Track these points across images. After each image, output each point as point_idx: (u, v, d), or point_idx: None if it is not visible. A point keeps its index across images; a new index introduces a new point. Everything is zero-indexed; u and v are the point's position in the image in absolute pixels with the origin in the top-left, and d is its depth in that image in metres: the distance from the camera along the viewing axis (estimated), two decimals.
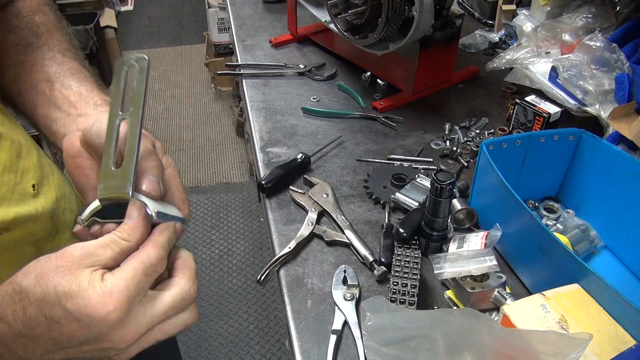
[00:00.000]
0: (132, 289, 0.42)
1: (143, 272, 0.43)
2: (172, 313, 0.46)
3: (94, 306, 0.41)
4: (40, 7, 0.70)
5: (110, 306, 0.41)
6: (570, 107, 1.02)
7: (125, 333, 0.43)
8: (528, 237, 0.73)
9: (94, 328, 0.41)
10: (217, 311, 2.11)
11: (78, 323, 0.41)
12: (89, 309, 0.41)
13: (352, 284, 0.77)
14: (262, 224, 2.48)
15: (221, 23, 3.06)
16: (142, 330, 0.44)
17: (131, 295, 0.42)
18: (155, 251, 0.45)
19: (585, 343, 0.52)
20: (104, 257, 0.44)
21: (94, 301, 0.41)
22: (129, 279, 0.42)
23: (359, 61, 1.29)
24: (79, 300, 0.41)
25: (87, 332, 0.42)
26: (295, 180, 0.97)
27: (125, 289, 0.42)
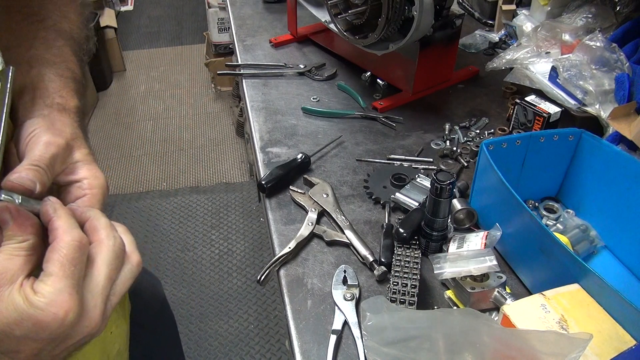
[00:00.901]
0: (69, 282, 0.41)
1: (70, 262, 0.41)
2: (115, 275, 0.45)
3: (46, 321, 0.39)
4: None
5: (61, 312, 0.40)
6: (570, 107, 1.02)
7: (89, 322, 0.42)
8: (528, 237, 0.73)
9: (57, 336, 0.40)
10: (217, 311, 2.11)
11: (37, 342, 0.40)
12: (43, 325, 0.39)
13: (352, 284, 0.77)
14: (262, 224, 2.48)
15: (221, 23, 3.06)
16: (101, 308, 0.43)
17: (72, 289, 0.41)
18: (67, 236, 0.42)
19: (585, 343, 0.52)
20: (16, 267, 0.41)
21: (43, 317, 0.39)
22: (62, 277, 0.41)
23: (359, 61, 1.29)
24: (25, 323, 0.39)
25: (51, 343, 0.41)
26: (295, 180, 0.97)
27: (65, 288, 0.40)
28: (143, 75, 3.67)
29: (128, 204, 2.62)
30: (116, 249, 0.46)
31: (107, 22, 3.49)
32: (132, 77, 3.63)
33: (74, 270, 0.41)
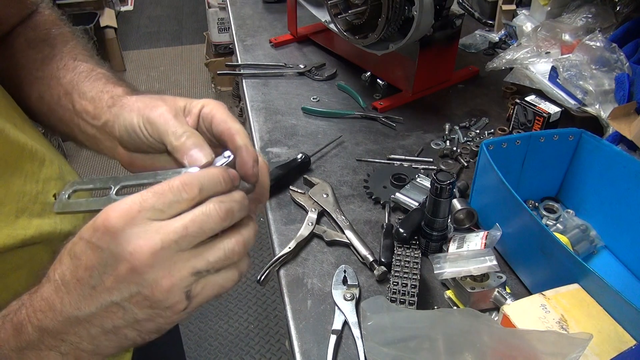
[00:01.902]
0: (137, 201, 0.40)
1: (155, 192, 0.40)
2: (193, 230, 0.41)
3: (98, 220, 0.40)
4: (56, 21, 0.70)
5: (111, 214, 0.39)
6: (570, 107, 1.02)
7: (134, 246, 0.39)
8: (528, 237, 0.73)
9: (102, 245, 0.39)
10: (217, 311, 2.11)
11: (89, 247, 0.40)
12: (95, 225, 0.40)
13: (352, 284, 0.77)
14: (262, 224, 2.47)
15: (221, 23, 3.06)
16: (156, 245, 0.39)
17: (134, 207, 0.39)
18: (179, 177, 0.42)
19: (585, 343, 0.52)
20: None
21: (100, 215, 0.40)
22: (138, 196, 0.40)
23: (359, 61, 1.29)
24: (91, 221, 0.40)
25: (99, 254, 0.39)
26: (295, 180, 0.97)
27: (130, 201, 0.40)
28: (143, 75, 3.67)
29: None
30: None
31: (107, 22, 3.50)
32: (132, 77, 3.63)
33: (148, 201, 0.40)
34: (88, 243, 0.40)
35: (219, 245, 0.43)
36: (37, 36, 0.67)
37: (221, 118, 0.50)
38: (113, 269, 0.40)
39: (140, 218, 0.40)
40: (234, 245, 0.44)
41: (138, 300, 0.41)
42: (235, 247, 0.44)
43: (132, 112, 0.53)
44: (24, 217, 0.58)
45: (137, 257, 0.39)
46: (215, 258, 0.42)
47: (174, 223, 0.41)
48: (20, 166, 0.59)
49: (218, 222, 0.42)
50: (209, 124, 0.51)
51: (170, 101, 0.53)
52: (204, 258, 0.42)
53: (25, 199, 0.58)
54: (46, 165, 0.63)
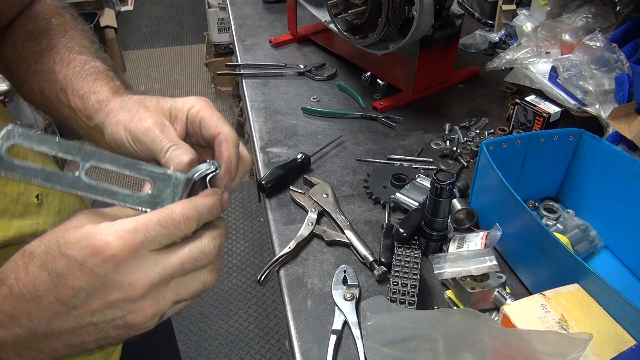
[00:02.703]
0: (140, 232, 0.39)
1: (158, 221, 0.40)
2: (189, 266, 0.42)
3: (95, 244, 0.38)
4: (57, 10, 0.69)
5: (112, 242, 0.38)
6: (570, 107, 1.02)
7: (134, 278, 0.39)
8: (528, 237, 0.73)
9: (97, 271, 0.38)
10: (217, 311, 2.11)
11: (81, 270, 0.38)
12: (91, 248, 0.38)
13: (352, 284, 0.77)
14: (262, 224, 2.48)
15: (221, 23, 3.06)
16: (154, 279, 0.40)
17: (138, 237, 0.39)
18: (180, 207, 0.42)
19: (585, 343, 0.52)
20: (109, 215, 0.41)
21: (97, 239, 0.38)
22: (140, 223, 0.40)
23: (359, 61, 1.29)
24: (81, 243, 0.38)
25: (91, 279, 0.38)
26: (295, 180, 0.97)
27: (132, 230, 0.39)
28: (143, 75, 3.67)
29: None
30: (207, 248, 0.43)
31: (107, 22, 3.50)
32: (132, 77, 3.63)
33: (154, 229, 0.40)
34: (80, 265, 0.38)
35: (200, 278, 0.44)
36: (36, 28, 0.66)
37: (210, 122, 0.50)
38: (104, 295, 0.39)
39: (143, 250, 0.40)
40: (212, 277, 0.45)
41: (118, 324, 0.41)
42: (212, 279, 0.45)
43: (118, 125, 0.52)
44: (4, 218, 0.57)
45: (135, 289, 0.39)
46: (195, 289, 0.44)
47: (171, 257, 0.41)
48: None
49: (211, 259, 0.44)
50: (197, 127, 0.51)
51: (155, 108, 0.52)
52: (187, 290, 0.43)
53: (6, 200, 0.58)
54: None
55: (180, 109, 0.52)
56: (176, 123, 0.52)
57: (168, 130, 0.50)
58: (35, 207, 0.62)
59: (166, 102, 0.53)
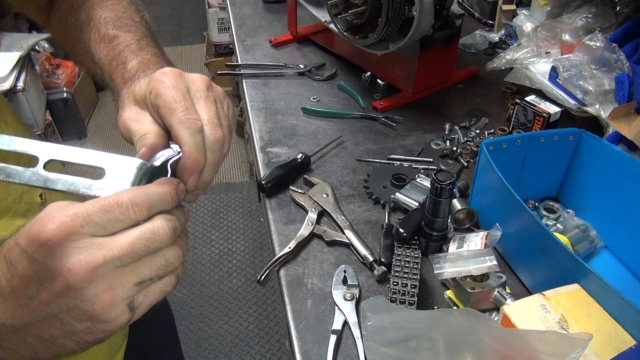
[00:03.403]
0: (80, 215, 0.38)
1: (101, 206, 0.39)
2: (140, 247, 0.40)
3: (33, 230, 0.37)
4: None
5: (47, 226, 0.37)
6: (570, 107, 1.02)
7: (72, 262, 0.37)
8: (528, 237, 0.73)
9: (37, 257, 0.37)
10: (217, 311, 2.11)
11: (26, 257, 0.38)
12: (30, 235, 0.37)
13: (352, 284, 0.77)
14: (262, 224, 2.48)
15: (221, 23, 3.06)
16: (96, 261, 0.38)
17: (76, 221, 0.38)
18: (129, 193, 0.40)
19: (585, 343, 0.52)
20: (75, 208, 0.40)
21: (35, 223, 0.37)
22: (81, 208, 0.38)
23: (359, 61, 1.29)
24: (26, 229, 0.38)
25: (34, 266, 0.38)
26: (295, 180, 0.97)
27: (72, 215, 0.38)
28: None
29: None
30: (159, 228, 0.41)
31: None
32: None
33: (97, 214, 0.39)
34: (23, 252, 0.38)
35: (161, 254, 0.42)
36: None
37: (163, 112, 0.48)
38: (49, 283, 0.38)
39: (82, 233, 0.38)
40: (175, 252, 0.43)
41: (76, 314, 0.39)
42: (175, 253, 0.43)
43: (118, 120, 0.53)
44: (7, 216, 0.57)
45: (75, 273, 0.38)
46: (158, 266, 0.42)
47: (119, 240, 0.40)
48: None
49: (165, 241, 0.42)
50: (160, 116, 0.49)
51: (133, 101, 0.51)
52: (148, 268, 0.41)
53: (9, 199, 0.58)
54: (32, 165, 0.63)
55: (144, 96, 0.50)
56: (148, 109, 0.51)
57: (142, 120, 0.49)
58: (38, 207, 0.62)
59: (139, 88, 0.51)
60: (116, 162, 0.44)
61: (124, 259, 0.39)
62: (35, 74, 2.70)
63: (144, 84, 0.51)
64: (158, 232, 0.41)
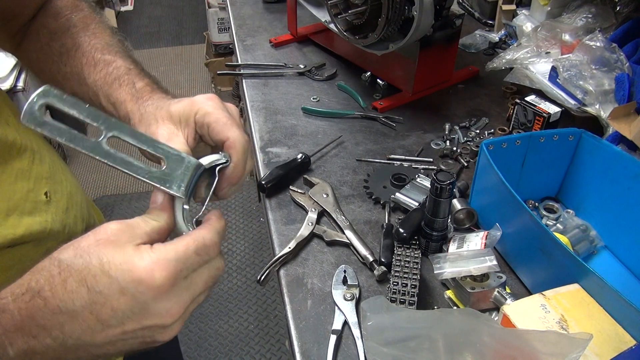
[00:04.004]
0: (181, 262, 0.41)
1: (195, 250, 0.43)
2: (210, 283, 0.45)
3: (140, 273, 0.39)
4: (76, 3, 0.69)
5: (157, 273, 0.40)
6: (570, 107, 1.02)
7: (172, 305, 0.41)
8: (528, 237, 0.73)
9: (139, 298, 0.40)
10: (217, 311, 2.11)
11: (122, 293, 0.39)
12: (135, 275, 0.39)
13: (352, 284, 0.77)
14: (262, 224, 2.47)
15: (221, 23, 3.06)
16: (186, 303, 0.43)
17: (179, 267, 0.41)
18: (209, 234, 0.45)
19: (585, 343, 0.52)
20: (140, 231, 0.43)
21: (141, 268, 0.39)
22: (180, 252, 0.42)
23: (359, 61, 1.29)
24: (124, 267, 0.39)
25: (131, 303, 0.40)
26: (295, 180, 0.97)
27: (174, 260, 0.41)
28: None
29: (128, 204, 2.62)
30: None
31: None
32: None
33: (192, 257, 0.42)
34: (122, 288, 0.39)
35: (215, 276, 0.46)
36: (59, 26, 0.66)
37: (216, 127, 0.51)
38: (141, 318, 0.41)
39: (181, 278, 0.42)
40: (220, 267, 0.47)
41: (146, 341, 0.43)
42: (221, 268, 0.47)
43: None
44: (14, 215, 0.57)
45: (171, 315, 0.42)
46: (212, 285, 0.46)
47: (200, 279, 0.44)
48: (9, 163, 0.58)
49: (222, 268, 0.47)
50: (206, 132, 0.52)
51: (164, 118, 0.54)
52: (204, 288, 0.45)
53: (16, 197, 0.58)
54: (37, 163, 0.63)
55: (188, 115, 0.53)
56: (187, 128, 0.53)
57: (175, 140, 0.52)
58: (44, 205, 0.62)
59: (177, 108, 0.54)
60: (176, 157, 0.48)
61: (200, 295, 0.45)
62: None
63: (186, 105, 0.53)
64: (221, 267, 0.47)
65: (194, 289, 0.43)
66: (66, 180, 0.69)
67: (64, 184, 0.68)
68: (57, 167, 0.68)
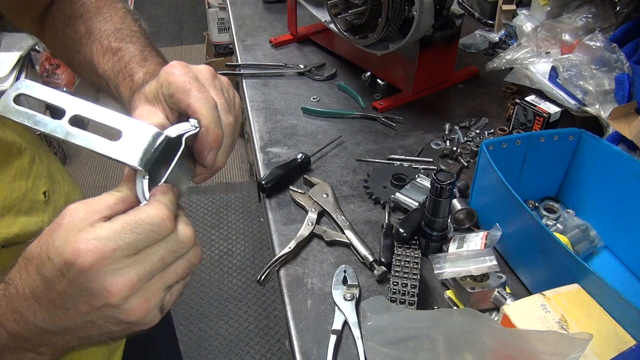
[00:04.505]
0: (112, 239, 0.39)
1: (132, 228, 0.40)
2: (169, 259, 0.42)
3: (68, 254, 0.39)
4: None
5: (82, 254, 0.38)
6: (570, 107, 1.02)
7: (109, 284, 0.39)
8: (528, 237, 0.73)
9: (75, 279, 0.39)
10: (217, 311, 2.11)
11: (62, 276, 0.39)
12: (64, 257, 0.39)
13: (352, 284, 0.77)
14: (262, 224, 2.47)
15: (221, 23, 3.05)
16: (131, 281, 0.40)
17: (109, 245, 0.39)
18: (151, 209, 0.42)
19: (585, 343, 0.52)
20: (100, 206, 0.41)
21: (69, 249, 0.39)
22: (113, 230, 0.40)
23: (359, 61, 1.29)
24: (59, 249, 0.39)
25: (70, 285, 0.39)
26: (295, 180, 0.97)
27: (105, 238, 0.39)
28: None
29: None
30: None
31: None
32: None
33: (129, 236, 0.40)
34: (59, 272, 0.39)
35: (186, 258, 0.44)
36: (74, 11, 0.66)
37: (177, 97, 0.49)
38: (87, 300, 0.40)
39: (115, 257, 0.39)
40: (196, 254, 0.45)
41: (113, 321, 0.42)
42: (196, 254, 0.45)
43: None
44: (10, 214, 0.57)
45: (113, 294, 0.39)
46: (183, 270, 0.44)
47: (149, 256, 0.41)
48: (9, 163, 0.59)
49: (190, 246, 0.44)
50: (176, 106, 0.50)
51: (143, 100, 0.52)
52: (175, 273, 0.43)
53: (13, 196, 0.58)
54: (36, 163, 0.63)
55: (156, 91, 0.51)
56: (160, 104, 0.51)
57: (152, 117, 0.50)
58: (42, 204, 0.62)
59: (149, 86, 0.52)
60: (134, 127, 0.46)
61: (155, 272, 0.41)
62: (35, 74, 2.70)
63: (153, 83, 0.52)
64: (184, 241, 0.43)
65: (143, 266, 0.40)
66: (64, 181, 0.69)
67: (62, 184, 0.68)
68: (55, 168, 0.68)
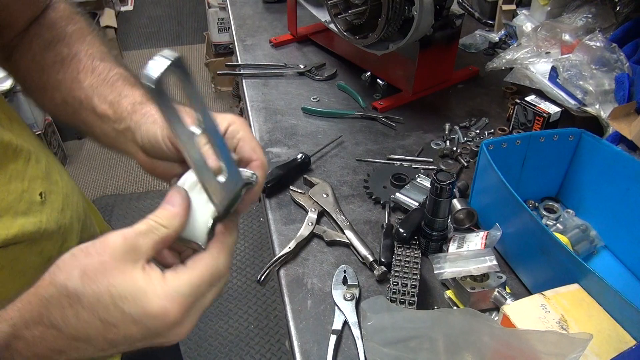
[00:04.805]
0: (194, 295, 0.42)
1: (209, 282, 0.43)
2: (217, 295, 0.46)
3: (154, 309, 0.40)
4: (72, 16, 0.69)
5: (171, 310, 0.40)
6: (570, 107, 1.02)
7: (181, 330, 0.43)
8: (528, 237, 0.73)
9: (153, 329, 0.41)
10: (217, 311, 2.11)
11: (136, 325, 0.40)
12: (148, 312, 0.40)
13: (352, 284, 0.77)
14: (262, 224, 2.47)
15: (221, 23, 3.06)
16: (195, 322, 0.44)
17: (192, 300, 0.42)
18: (224, 258, 0.44)
19: (585, 343, 0.52)
20: (145, 247, 0.42)
21: (155, 305, 0.40)
22: (194, 286, 0.42)
23: (359, 61, 1.29)
24: (138, 302, 0.40)
25: (145, 332, 0.41)
26: (295, 180, 0.97)
27: (190, 296, 0.41)
28: None
29: (128, 204, 2.62)
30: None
31: (107, 22, 3.50)
32: None
33: (207, 290, 0.43)
34: (135, 321, 0.40)
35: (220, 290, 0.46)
36: (54, 37, 0.66)
37: (249, 145, 0.52)
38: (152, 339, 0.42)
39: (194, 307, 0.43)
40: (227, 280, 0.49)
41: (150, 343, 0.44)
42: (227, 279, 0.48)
43: (155, 124, 0.54)
44: (7, 215, 0.57)
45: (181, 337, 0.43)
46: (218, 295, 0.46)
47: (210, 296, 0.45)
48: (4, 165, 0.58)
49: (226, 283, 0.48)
50: (233, 145, 0.52)
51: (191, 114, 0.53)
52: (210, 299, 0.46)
53: (10, 197, 0.58)
54: (32, 164, 0.63)
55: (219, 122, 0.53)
56: None
57: None
58: (38, 205, 0.62)
59: None
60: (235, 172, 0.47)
61: None
62: None
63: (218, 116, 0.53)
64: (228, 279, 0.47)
65: (203, 308, 0.44)
66: (62, 181, 0.69)
67: (59, 184, 0.68)
68: (53, 167, 0.68)
